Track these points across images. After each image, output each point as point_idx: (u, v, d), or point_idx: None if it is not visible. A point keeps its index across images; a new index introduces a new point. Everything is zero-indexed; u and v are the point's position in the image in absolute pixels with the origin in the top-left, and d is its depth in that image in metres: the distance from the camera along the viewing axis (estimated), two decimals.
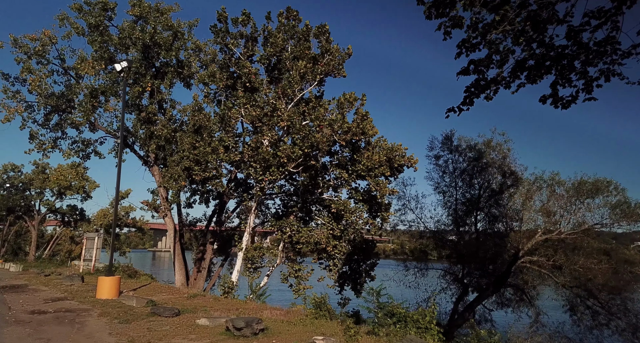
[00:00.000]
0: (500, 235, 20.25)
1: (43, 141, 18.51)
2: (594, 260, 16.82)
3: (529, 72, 5.45)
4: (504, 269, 19.07)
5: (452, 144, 21.50)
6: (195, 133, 17.79)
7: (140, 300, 10.65)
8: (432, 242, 22.00)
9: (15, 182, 37.48)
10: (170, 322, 8.37)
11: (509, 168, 20.01)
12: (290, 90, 17.16)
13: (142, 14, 16.79)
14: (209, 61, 19.55)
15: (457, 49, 5.52)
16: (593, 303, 18.29)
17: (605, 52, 4.86)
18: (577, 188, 17.99)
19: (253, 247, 17.94)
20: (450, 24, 5.38)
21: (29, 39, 16.41)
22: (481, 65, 5.50)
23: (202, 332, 7.46)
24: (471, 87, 5.70)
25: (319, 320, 8.99)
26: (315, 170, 17.36)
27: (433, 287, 20.63)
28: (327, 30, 17.59)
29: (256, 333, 6.76)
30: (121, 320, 8.35)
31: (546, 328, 18.13)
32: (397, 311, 7.74)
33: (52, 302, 11.04)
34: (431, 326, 7.26)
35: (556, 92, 5.27)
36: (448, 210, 21.63)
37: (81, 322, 8.17)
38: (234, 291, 16.76)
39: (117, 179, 12.92)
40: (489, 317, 20.41)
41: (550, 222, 18.73)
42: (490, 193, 20.34)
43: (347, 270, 19.18)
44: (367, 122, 16.79)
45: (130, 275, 20.01)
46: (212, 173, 16.79)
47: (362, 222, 17.67)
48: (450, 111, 5.95)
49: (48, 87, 17.61)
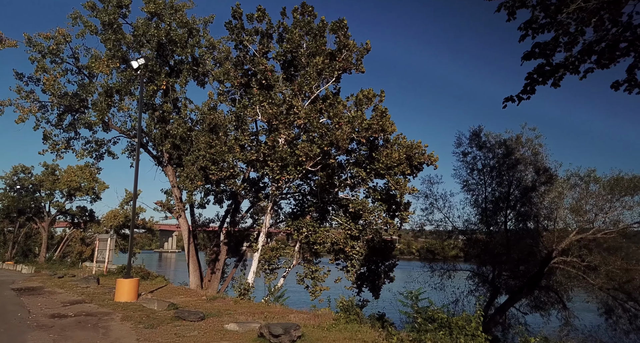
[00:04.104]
0: (531, 235, 19.59)
1: (56, 142, 18.25)
2: (633, 261, 16.14)
3: (599, 55, 4.97)
4: (536, 270, 18.42)
5: (480, 140, 20.92)
6: (211, 132, 17.45)
7: (162, 304, 10.29)
8: (460, 242, 21.38)
9: (25, 183, 37.42)
10: (197, 326, 7.98)
11: (542, 164, 19.34)
12: (307, 87, 16.77)
13: (157, 11, 16.45)
14: (222, 59, 19.22)
15: (521, 31, 5.07)
16: (631, 306, 17.60)
17: None
18: (614, 185, 17.26)
19: (270, 247, 17.56)
20: (515, 3, 4.92)
21: (42, 37, 16.15)
22: (547, 48, 5.03)
23: (233, 337, 7.06)
24: (533, 73, 5.24)
25: (350, 324, 8.56)
26: (332, 168, 16.96)
27: (461, 289, 20.02)
28: (345, 25, 17.17)
29: (294, 341, 6.34)
30: (146, 324, 7.97)
31: (578, 332, 17.46)
32: (438, 316, 7.28)
33: (71, 305, 10.71)
34: (478, 333, 6.80)
35: (633, 76, 4.79)
36: (477, 209, 21.11)
37: (105, 327, 7.80)
38: (250, 293, 16.39)
39: (135, 179, 12.59)
40: (523, 320, 19.67)
41: (585, 220, 18.04)
42: (522, 190, 19.68)
43: (365, 271, 18.76)
44: (386, 118, 16.35)
45: (144, 276, 19.68)
46: (229, 173, 16.44)
47: (381, 222, 17.25)
48: (508, 100, 5.51)
49: (61, 86, 17.35)
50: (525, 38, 5.03)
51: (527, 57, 5.12)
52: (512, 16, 4.96)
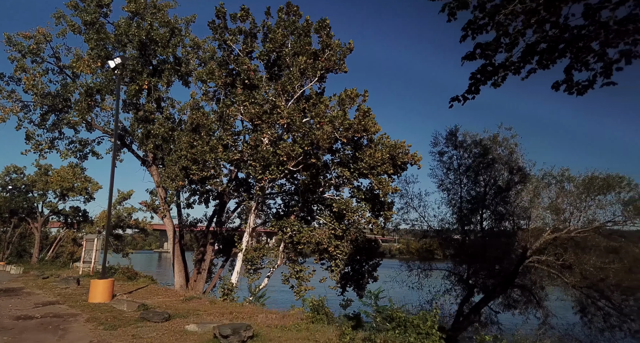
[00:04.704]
0: (507, 234, 19.57)
1: (40, 142, 18.20)
2: (606, 260, 16.14)
3: (541, 56, 4.94)
4: (511, 269, 18.39)
5: (456, 139, 20.86)
6: (193, 131, 17.41)
7: (132, 304, 10.25)
8: (435, 242, 21.35)
9: (17, 183, 37.35)
10: (159, 327, 7.94)
11: (516, 164, 19.28)
12: (290, 86, 16.73)
13: (138, 10, 16.40)
14: (207, 58, 19.17)
15: (463, 31, 5.03)
16: (605, 305, 17.61)
17: (627, 32, 4.35)
18: (588, 185, 17.24)
19: (253, 247, 17.53)
20: (456, 4, 4.89)
21: (22, 37, 16.10)
22: (488, 49, 4.99)
23: (189, 339, 7.02)
24: (477, 74, 5.20)
25: (315, 324, 8.52)
26: (317, 168, 16.93)
27: (437, 288, 19.98)
28: (328, 25, 17.13)
29: (244, 341, 6.31)
30: (107, 326, 7.93)
31: (555, 331, 17.43)
32: (396, 315, 7.26)
33: (42, 307, 10.68)
34: (432, 331, 6.77)
35: (571, 77, 4.76)
36: (452, 208, 21.02)
37: (65, 329, 7.77)
38: (233, 293, 16.36)
39: (111, 178, 12.56)
40: (496, 319, 19.72)
41: (560, 219, 18.03)
42: (497, 190, 19.65)
43: (349, 270, 18.76)
44: (369, 118, 16.31)
45: (130, 277, 19.67)
46: (210, 173, 16.40)
47: (364, 221, 17.24)
48: (454, 100, 5.46)
49: (44, 86, 17.30)
50: (466, 38, 4.99)
51: (468, 58, 5.08)
52: (452, 16, 4.92)
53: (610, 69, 4.47)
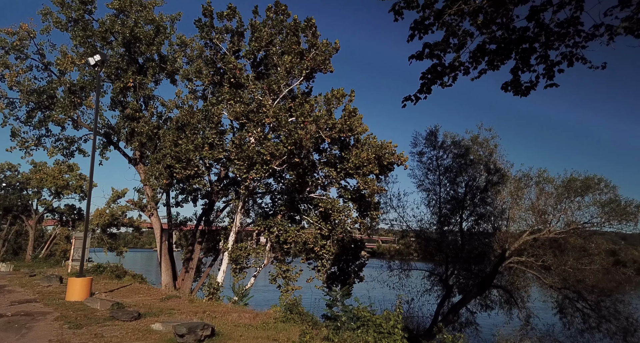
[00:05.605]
0: (486, 235, 19.52)
1: (25, 139, 18.19)
2: (585, 261, 16.11)
3: (490, 57, 4.91)
4: (489, 270, 18.41)
5: (436, 139, 20.79)
6: (179, 130, 17.38)
7: (106, 303, 10.23)
8: (414, 242, 21.30)
9: (12, 181, 37.36)
10: (125, 326, 7.91)
11: (495, 165, 19.24)
12: (276, 85, 16.70)
13: (123, 7, 16.36)
14: (195, 57, 19.12)
15: (410, 31, 4.99)
16: (583, 306, 17.58)
17: (567, 34, 4.32)
18: (567, 186, 17.22)
19: (238, 246, 17.52)
20: (403, 4, 4.85)
21: (5, 33, 16.07)
22: (437, 49, 4.95)
23: (151, 338, 6.99)
24: (427, 74, 5.16)
25: (285, 323, 8.51)
26: (303, 168, 16.90)
27: (417, 288, 19.99)
28: (314, 24, 17.08)
29: (201, 340, 6.29)
30: (73, 324, 7.91)
31: (536, 331, 17.42)
32: (361, 314, 7.25)
33: (18, 305, 10.66)
34: (395, 331, 6.75)
35: (517, 78, 4.73)
36: (432, 209, 20.98)
37: (30, 327, 7.75)
38: (219, 292, 16.35)
39: (90, 174, 12.54)
40: (474, 319, 19.71)
41: (539, 221, 18.03)
42: (476, 191, 19.59)
43: (335, 270, 18.73)
44: (355, 118, 16.29)
45: (119, 275, 19.66)
46: (194, 171, 16.37)
47: (350, 221, 17.23)
48: (407, 100, 5.41)
49: (30, 83, 17.28)
50: (414, 38, 4.96)
51: (417, 57, 5.05)
52: (399, 16, 4.88)
53: (552, 70, 4.44)
